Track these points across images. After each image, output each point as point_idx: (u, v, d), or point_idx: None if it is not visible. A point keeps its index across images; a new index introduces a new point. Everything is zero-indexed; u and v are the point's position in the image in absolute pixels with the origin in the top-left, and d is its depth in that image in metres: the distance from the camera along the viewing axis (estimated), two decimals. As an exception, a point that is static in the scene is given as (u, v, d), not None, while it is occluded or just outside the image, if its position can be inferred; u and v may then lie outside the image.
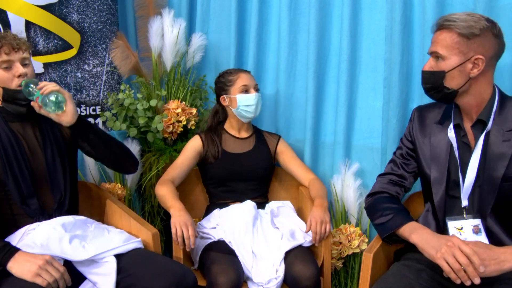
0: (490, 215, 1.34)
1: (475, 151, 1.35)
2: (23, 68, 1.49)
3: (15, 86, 1.49)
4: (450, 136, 1.41)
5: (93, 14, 2.17)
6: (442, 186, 1.41)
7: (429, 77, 1.36)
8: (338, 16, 2.07)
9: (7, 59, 1.46)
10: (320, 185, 1.90)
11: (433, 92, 1.38)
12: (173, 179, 1.88)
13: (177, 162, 1.94)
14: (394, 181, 1.56)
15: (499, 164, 1.32)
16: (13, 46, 1.47)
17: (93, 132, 1.57)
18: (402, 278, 1.33)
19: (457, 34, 1.30)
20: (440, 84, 1.34)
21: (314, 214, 1.70)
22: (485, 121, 1.35)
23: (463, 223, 1.36)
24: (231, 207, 1.87)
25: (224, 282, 1.53)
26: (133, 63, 2.21)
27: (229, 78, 1.96)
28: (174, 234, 1.61)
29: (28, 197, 1.51)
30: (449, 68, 1.32)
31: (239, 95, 1.92)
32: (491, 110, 1.35)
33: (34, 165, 1.54)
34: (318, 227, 1.66)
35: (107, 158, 1.66)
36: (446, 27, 1.32)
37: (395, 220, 1.42)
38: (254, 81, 1.96)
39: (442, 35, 1.33)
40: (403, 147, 1.57)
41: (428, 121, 1.49)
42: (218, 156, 1.94)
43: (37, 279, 1.27)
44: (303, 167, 2.00)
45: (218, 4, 2.37)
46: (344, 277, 2.04)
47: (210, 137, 1.98)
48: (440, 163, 1.42)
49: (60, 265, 1.33)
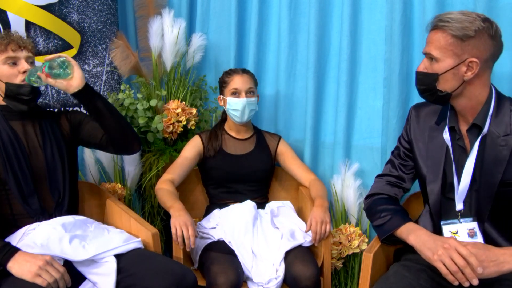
0: (488, 219, 1.32)
1: (470, 155, 1.33)
2: (29, 65, 1.51)
3: (19, 81, 1.50)
4: (446, 138, 1.38)
5: (93, 14, 2.17)
6: (437, 187, 1.39)
7: (423, 78, 1.34)
8: (338, 16, 2.06)
9: (13, 55, 1.49)
10: (321, 186, 1.89)
11: (427, 94, 1.35)
12: (173, 179, 1.88)
13: (177, 162, 1.94)
14: (392, 182, 1.54)
15: (496, 169, 1.29)
16: (19, 44, 1.50)
17: (100, 99, 1.56)
18: (402, 278, 1.32)
19: (450, 36, 1.25)
20: (433, 87, 1.31)
21: (314, 214, 1.69)
22: (480, 126, 1.32)
23: (458, 227, 1.34)
24: (231, 207, 1.87)
25: (223, 282, 1.53)
26: (133, 63, 2.21)
27: (226, 78, 1.96)
28: (174, 234, 1.60)
29: (29, 196, 1.51)
30: (442, 70, 1.29)
31: (229, 97, 1.92)
32: (487, 113, 1.31)
33: (34, 164, 1.54)
34: (318, 227, 1.66)
35: (114, 130, 1.59)
36: (440, 27, 1.27)
37: (392, 221, 1.41)
38: (248, 85, 1.93)
39: (435, 35, 1.29)
40: (400, 147, 1.54)
41: (425, 120, 1.46)
42: (217, 151, 1.94)
43: (37, 280, 1.27)
44: (303, 167, 2.00)
45: (218, 4, 2.37)
46: (344, 277, 2.04)
47: (210, 137, 1.98)
48: (435, 164, 1.40)
49: (60, 265, 1.33)
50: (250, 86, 1.94)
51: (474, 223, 1.33)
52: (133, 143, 1.67)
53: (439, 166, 1.39)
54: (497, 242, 1.32)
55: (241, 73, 1.95)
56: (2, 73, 1.49)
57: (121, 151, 1.72)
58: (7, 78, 1.49)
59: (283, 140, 2.06)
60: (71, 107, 2.15)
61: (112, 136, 1.61)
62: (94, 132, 1.64)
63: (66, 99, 2.14)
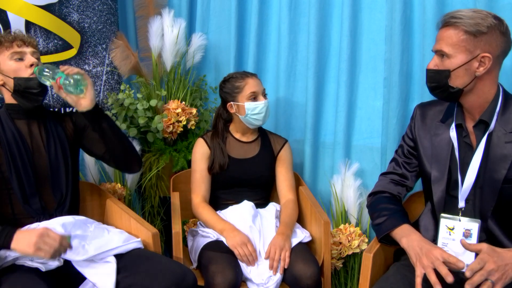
0: (491, 217, 1.32)
1: (476, 152, 1.34)
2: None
3: (27, 75, 1.51)
4: (452, 136, 1.39)
5: (93, 14, 2.17)
6: (442, 185, 1.40)
7: (434, 75, 1.34)
8: (338, 16, 2.07)
9: (19, 50, 1.51)
10: (292, 211, 1.85)
11: (438, 91, 1.35)
12: (204, 197, 1.87)
13: (196, 179, 1.89)
14: (396, 180, 1.55)
15: (501, 166, 1.30)
16: (24, 40, 1.53)
17: (107, 120, 1.57)
18: (402, 278, 1.33)
19: (463, 32, 1.27)
20: (445, 83, 1.32)
21: (273, 241, 1.68)
22: (487, 122, 1.33)
23: (455, 224, 1.35)
24: (229, 208, 1.87)
25: (220, 281, 1.53)
26: (133, 63, 2.21)
27: (236, 84, 1.86)
28: (238, 255, 1.65)
29: (31, 196, 1.51)
30: (454, 66, 1.30)
31: (248, 102, 1.83)
32: (494, 110, 1.33)
33: (37, 164, 1.54)
34: (277, 253, 1.64)
35: (116, 150, 1.62)
36: (452, 24, 1.28)
37: (389, 222, 1.42)
38: (261, 86, 1.87)
39: (447, 32, 1.30)
40: (404, 145, 1.55)
41: (430, 119, 1.47)
42: (224, 167, 1.88)
43: (39, 253, 1.28)
44: (288, 184, 1.92)
45: (218, 4, 2.37)
46: (344, 277, 2.04)
47: (217, 142, 1.91)
48: (441, 162, 1.41)
49: (55, 233, 1.32)
50: (263, 87, 1.89)
51: (474, 224, 1.33)
52: (133, 163, 1.70)
53: (445, 163, 1.40)
54: (499, 240, 1.32)
55: (251, 76, 1.87)
56: (10, 68, 1.50)
57: (121, 169, 1.77)
58: (15, 73, 1.50)
59: (287, 146, 1.98)
60: (71, 107, 2.15)
61: (113, 154, 1.64)
62: (97, 144, 1.64)
63: (66, 99, 2.14)
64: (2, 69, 1.51)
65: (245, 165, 1.91)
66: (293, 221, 1.82)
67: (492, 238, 1.33)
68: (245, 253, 1.64)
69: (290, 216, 1.82)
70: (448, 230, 1.35)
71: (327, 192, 2.14)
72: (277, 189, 1.94)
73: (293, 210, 1.85)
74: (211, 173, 1.89)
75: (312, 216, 1.84)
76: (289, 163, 1.96)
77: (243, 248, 1.64)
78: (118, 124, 2.14)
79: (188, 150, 2.19)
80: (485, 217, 1.33)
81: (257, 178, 1.92)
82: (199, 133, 2.27)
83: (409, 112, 1.92)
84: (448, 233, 1.35)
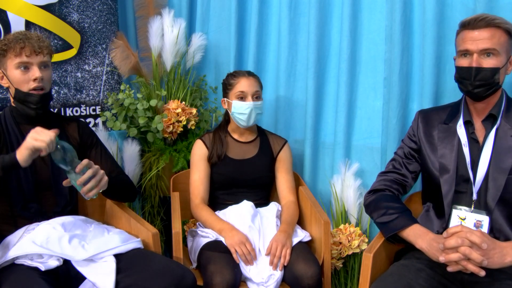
0: (496, 207, 1.36)
1: (485, 146, 1.39)
2: (41, 71, 1.49)
3: (28, 89, 1.49)
4: (460, 132, 1.44)
5: (93, 14, 2.17)
6: (453, 183, 1.42)
7: (487, 73, 1.36)
8: (338, 16, 2.06)
9: (26, 60, 1.48)
10: (293, 211, 1.85)
11: (484, 88, 1.38)
12: (203, 199, 1.87)
13: (195, 180, 1.89)
14: (397, 180, 1.57)
15: (507, 157, 1.36)
16: (35, 49, 1.48)
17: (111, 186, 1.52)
18: (401, 277, 1.33)
19: (506, 33, 1.36)
20: (493, 81, 1.37)
21: (276, 238, 1.69)
22: (495, 116, 1.40)
23: (467, 214, 1.39)
24: (228, 208, 1.87)
25: (219, 281, 1.52)
26: (133, 63, 2.21)
27: (231, 81, 1.88)
28: (234, 253, 1.65)
29: (29, 201, 1.51)
30: (500, 64, 1.36)
31: (235, 101, 1.86)
32: (501, 107, 1.40)
33: (39, 170, 1.54)
34: (278, 250, 1.64)
35: (112, 197, 1.73)
36: (496, 25, 1.35)
37: (399, 220, 1.43)
38: (255, 88, 1.86)
39: (490, 32, 1.35)
40: (405, 147, 1.58)
41: (434, 122, 1.52)
42: (222, 157, 1.89)
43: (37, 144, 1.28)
44: (288, 185, 1.92)
45: (218, 4, 2.37)
46: (344, 277, 2.04)
47: (214, 141, 1.92)
48: (450, 161, 1.44)
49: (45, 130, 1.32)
50: (256, 89, 1.87)
51: (485, 217, 1.36)
52: (128, 199, 1.78)
53: (454, 162, 1.43)
54: (503, 231, 1.35)
55: (247, 76, 1.88)
56: (14, 78, 1.49)
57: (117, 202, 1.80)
58: (18, 84, 1.49)
59: (287, 147, 1.98)
60: (71, 107, 2.15)
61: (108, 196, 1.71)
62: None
63: (66, 99, 2.14)
64: (8, 74, 1.50)
65: (244, 166, 1.91)
66: (295, 221, 1.83)
67: (496, 230, 1.36)
68: (243, 252, 1.64)
69: (292, 216, 1.83)
70: (460, 220, 1.39)
71: (327, 192, 2.14)
72: (278, 190, 1.95)
73: (294, 211, 1.86)
74: (210, 162, 1.90)
75: (312, 216, 1.84)
76: (288, 164, 1.96)
77: (241, 247, 1.64)
78: (118, 124, 2.14)
79: (188, 150, 2.19)
80: (490, 208, 1.36)
81: (255, 179, 1.92)
82: (199, 133, 2.27)
83: (409, 112, 1.92)
84: (460, 223, 1.38)
